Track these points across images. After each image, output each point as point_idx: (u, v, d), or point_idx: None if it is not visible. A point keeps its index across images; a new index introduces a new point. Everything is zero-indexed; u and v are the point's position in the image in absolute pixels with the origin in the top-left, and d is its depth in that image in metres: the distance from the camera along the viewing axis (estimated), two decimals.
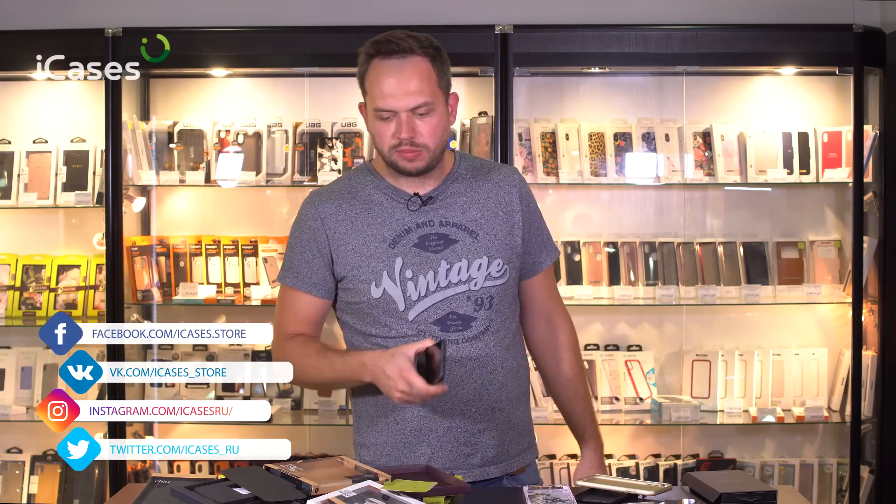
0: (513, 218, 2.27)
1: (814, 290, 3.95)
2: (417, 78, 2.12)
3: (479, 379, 2.20)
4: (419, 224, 2.20)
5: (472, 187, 2.26)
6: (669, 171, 3.97)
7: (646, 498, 2.02)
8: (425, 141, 2.15)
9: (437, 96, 2.15)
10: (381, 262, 2.18)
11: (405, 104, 2.12)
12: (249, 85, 4.12)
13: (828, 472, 4.02)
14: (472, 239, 2.21)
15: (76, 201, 3.96)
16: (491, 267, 2.21)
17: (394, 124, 2.14)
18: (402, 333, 2.18)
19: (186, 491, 1.94)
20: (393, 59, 2.13)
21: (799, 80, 4.06)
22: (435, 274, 2.18)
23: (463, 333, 2.19)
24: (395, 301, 2.18)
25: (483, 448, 2.22)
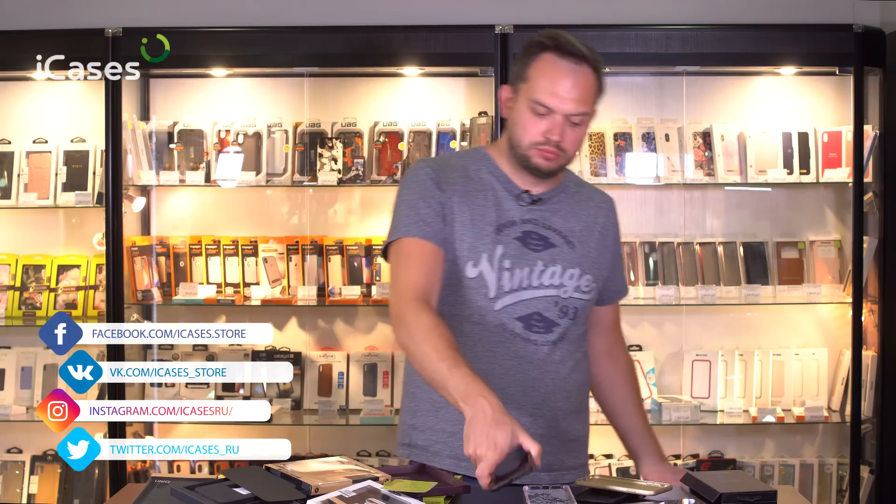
0: (606, 240, 2.31)
1: (814, 290, 3.95)
2: (587, 87, 2.14)
3: (550, 385, 2.19)
4: (524, 220, 2.21)
5: (576, 200, 2.28)
6: (669, 171, 3.97)
7: (646, 498, 2.01)
8: (567, 147, 2.16)
9: (593, 112, 2.18)
10: (484, 244, 2.16)
11: (568, 109, 2.12)
12: (249, 85, 4.12)
13: (828, 472, 4.02)
14: (569, 249, 2.23)
15: (76, 201, 3.96)
16: (582, 280, 2.22)
17: (545, 122, 2.13)
18: (484, 322, 2.16)
19: (186, 491, 1.94)
20: (569, 60, 2.12)
21: (799, 80, 4.06)
22: (531, 271, 2.18)
23: (543, 336, 2.18)
24: (487, 286, 2.16)
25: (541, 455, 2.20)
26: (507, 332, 2.16)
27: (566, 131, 2.14)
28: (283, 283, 4.01)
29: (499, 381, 2.14)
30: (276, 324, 4.07)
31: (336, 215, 4.12)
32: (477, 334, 2.17)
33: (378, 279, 3.98)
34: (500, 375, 2.15)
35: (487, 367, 2.15)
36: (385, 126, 3.98)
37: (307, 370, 4.04)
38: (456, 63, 3.90)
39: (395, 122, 3.98)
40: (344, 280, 3.99)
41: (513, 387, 2.16)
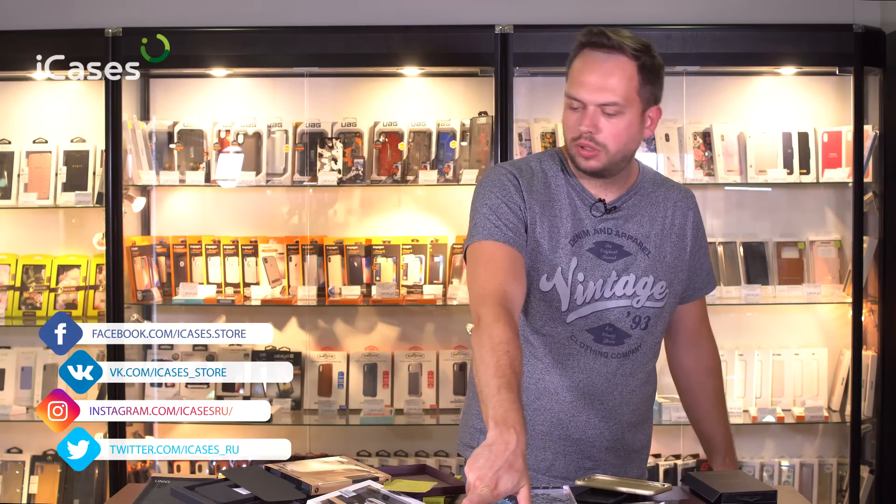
0: (683, 241, 2.25)
1: (814, 290, 3.95)
2: (615, 76, 2.08)
3: (618, 398, 2.18)
4: (598, 229, 2.16)
5: (652, 203, 2.22)
6: (669, 171, 3.96)
7: (646, 498, 2.01)
8: (605, 141, 2.09)
9: (631, 101, 2.09)
10: (560, 257, 2.14)
11: (595, 98, 2.08)
12: (249, 85, 4.12)
13: (828, 472, 4.02)
14: (644, 256, 2.18)
15: (76, 201, 3.96)
16: (655, 288, 2.19)
17: (580, 115, 2.11)
18: (555, 333, 2.15)
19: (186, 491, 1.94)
20: (599, 52, 2.09)
21: (799, 80, 4.06)
22: (604, 282, 2.14)
23: (614, 349, 2.17)
24: (560, 299, 2.13)
25: (604, 465, 2.20)
26: (578, 344, 2.15)
27: (600, 123, 2.09)
28: (283, 283, 4.01)
29: (566, 395, 2.16)
30: (276, 324, 4.07)
31: (336, 215, 4.12)
32: (547, 345, 2.16)
33: (378, 279, 3.98)
34: (570, 388, 2.16)
35: (557, 380, 2.15)
36: (385, 126, 3.98)
37: (307, 370, 4.04)
38: (456, 63, 3.90)
39: (395, 122, 3.98)
40: (344, 280, 3.99)
41: (582, 400, 2.16)
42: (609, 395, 2.18)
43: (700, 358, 2.39)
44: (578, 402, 2.16)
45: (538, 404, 2.17)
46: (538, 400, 2.17)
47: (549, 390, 2.16)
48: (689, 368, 2.39)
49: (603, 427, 2.19)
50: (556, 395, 2.16)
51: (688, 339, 2.38)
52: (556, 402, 2.16)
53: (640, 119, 2.13)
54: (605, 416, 2.18)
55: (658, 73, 2.14)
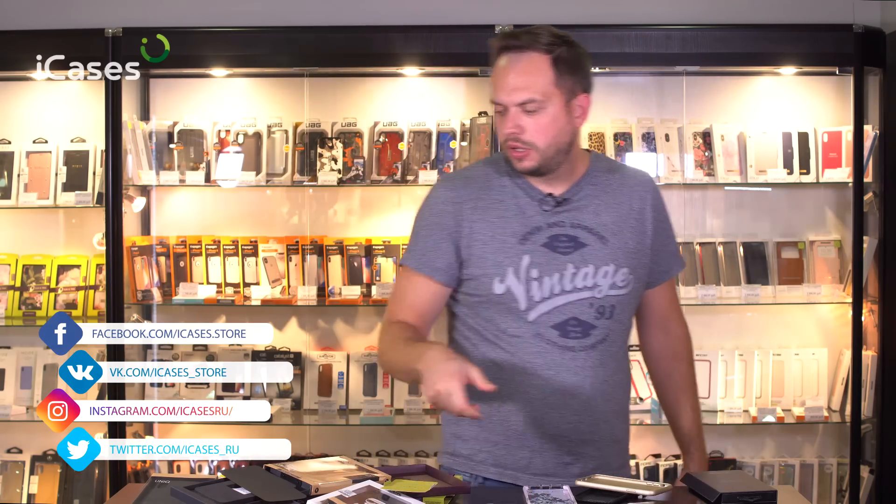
0: (643, 225, 2.23)
1: (814, 290, 3.95)
2: (528, 74, 2.10)
3: (590, 389, 2.17)
4: (550, 223, 2.16)
5: (606, 191, 2.22)
6: (669, 171, 3.97)
7: (646, 498, 2.01)
8: (531, 139, 2.11)
9: (549, 95, 2.10)
10: (509, 258, 2.14)
11: (512, 98, 2.11)
12: (249, 85, 4.12)
13: (828, 472, 4.02)
14: (602, 245, 2.17)
15: (76, 201, 3.96)
16: (617, 276, 2.17)
17: (504, 118, 2.14)
18: (519, 334, 2.15)
19: (186, 491, 1.94)
20: (513, 53, 2.13)
21: (799, 80, 4.06)
22: (561, 276, 2.14)
23: (581, 341, 2.16)
24: (516, 299, 2.14)
25: (584, 459, 2.20)
26: (544, 342, 2.15)
27: (522, 122, 2.11)
28: (283, 283, 4.01)
29: (537, 393, 2.15)
30: (276, 324, 4.07)
31: (336, 215, 4.12)
32: (514, 345, 2.16)
33: (378, 279, 3.98)
34: (539, 386, 2.15)
35: (525, 379, 2.15)
36: (385, 126, 3.98)
37: (307, 370, 4.04)
38: (456, 63, 3.90)
39: (395, 122, 3.98)
40: (344, 280, 3.99)
41: (553, 396, 2.16)
42: (581, 389, 2.16)
43: (669, 343, 2.36)
44: (550, 399, 2.15)
45: (509, 404, 2.17)
46: (510, 400, 2.17)
47: (520, 389, 2.16)
48: (658, 353, 2.37)
49: (578, 421, 2.18)
50: (527, 393, 2.16)
51: (657, 323, 2.36)
52: (528, 401, 2.16)
53: (566, 111, 2.13)
54: (579, 409, 2.17)
55: (579, 63, 2.14)
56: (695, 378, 2.40)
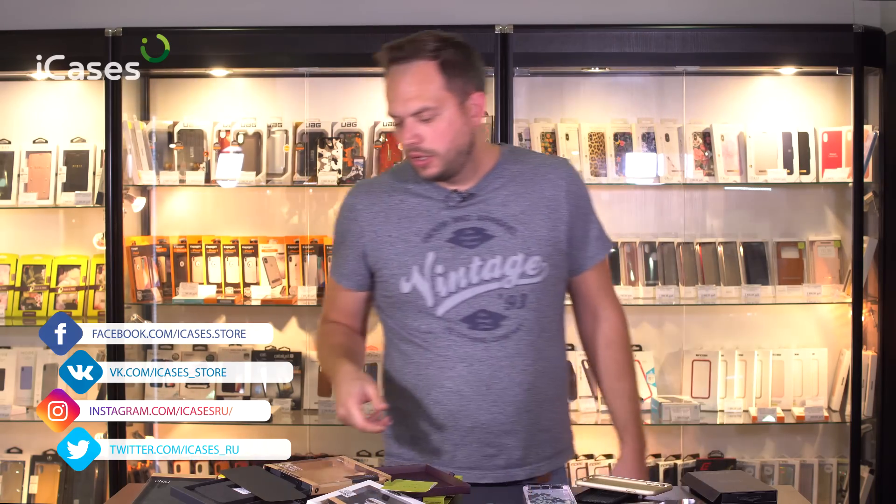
0: (557, 213, 2.21)
1: (814, 290, 3.95)
2: (417, 83, 2.11)
3: (507, 379, 2.17)
4: (456, 218, 2.18)
5: (515, 181, 2.22)
6: (669, 171, 3.97)
7: (646, 498, 2.01)
8: (432, 146, 2.13)
9: (442, 100, 2.11)
10: (413, 257, 2.17)
11: (405, 109, 2.12)
12: (249, 85, 4.12)
13: (828, 472, 4.02)
14: (510, 235, 2.17)
15: (76, 201, 3.96)
16: (527, 265, 2.17)
17: (402, 130, 2.15)
18: (431, 329, 2.17)
19: (186, 491, 1.94)
20: (399, 65, 2.13)
21: (799, 80, 4.06)
22: (466, 270, 2.16)
23: (491, 332, 2.16)
24: (423, 297, 2.16)
25: (508, 450, 2.20)
26: (455, 335, 2.16)
27: (420, 131, 2.12)
28: (283, 283, 4.01)
29: (452, 385, 2.17)
30: (276, 324, 4.07)
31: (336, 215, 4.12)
32: (427, 341, 2.18)
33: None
34: (453, 378, 2.17)
35: (440, 373, 2.17)
36: (385, 126, 3.98)
37: (307, 370, 4.03)
38: None
39: None
40: None
41: (468, 388, 2.16)
42: (496, 379, 2.17)
43: (600, 329, 2.33)
44: (466, 391, 2.16)
45: (428, 399, 2.19)
46: (427, 395, 2.19)
47: (436, 384, 2.18)
48: (590, 339, 2.35)
49: (496, 412, 2.18)
50: (443, 387, 2.17)
51: (586, 308, 2.34)
52: (444, 394, 2.17)
53: (461, 112, 2.14)
54: (496, 400, 2.17)
55: (468, 62, 2.15)
56: (631, 365, 2.36)
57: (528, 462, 2.21)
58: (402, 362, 2.23)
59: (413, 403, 2.20)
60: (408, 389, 2.20)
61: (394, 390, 2.26)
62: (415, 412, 2.20)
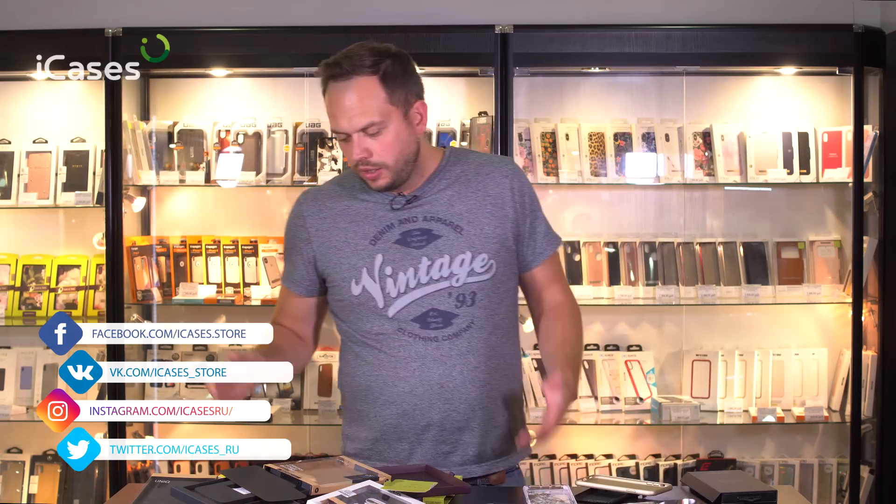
0: (503, 210, 2.24)
1: (814, 290, 3.95)
2: (360, 99, 2.13)
3: (459, 377, 2.18)
4: (402, 220, 2.21)
5: (460, 181, 2.25)
6: (669, 171, 3.97)
7: (646, 498, 2.02)
8: (381, 159, 2.15)
9: (387, 113, 2.14)
10: (361, 259, 2.20)
11: (351, 126, 2.14)
12: (249, 85, 4.12)
13: (828, 472, 4.02)
14: (457, 234, 2.20)
15: (76, 201, 3.96)
16: (475, 262, 2.20)
17: (350, 145, 2.17)
18: (383, 331, 2.19)
19: (186, 491, 1.94)
20: (339, 81, 2.17)
21: (799, 80, 4.06)
22: (415, 270, 2.18)
23: (443, 331, 2.18)
24: (374, 298, 2.19)
25: (463, 447, 2.21)
26: (406, 335, 2.18)
27: (368, 145, 2.14)
28: None
29: (405, 385, 2.18)
30: None
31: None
32: (379, 342, 2.20)
33: None
34: (406, 378, 2.18)
35: (393, 373, 2.19)
36: None
37: (307, 370, 4.03)
38: (456, 63, 3.90)
39: None
40: None
41: (421, 387, 2.18)
42: (448, 377, 2.18)
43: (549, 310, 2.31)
44: (419, 390, 2.18)
45: (382, 399, 2.21)
46: (381, 395, 2.21)
47: (389, 384, 2.20)
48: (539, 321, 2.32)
49: (449, 409, 2.19)
50: (396, 387, 2.19)
51: (538, 304, 2.33)
52: (398, 394, 2.19)
53: (406, 123, 2.17)
54: (449, 398, 2.18)
55: (407, 71, 2.18)
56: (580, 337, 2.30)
57: (484, 459, 2.23)
58: (356, 364, 2.25)
59: (367, 404, 2.23)
60: (362, 390, 2.23)
61: (349, 392, 2.29)
62: (370, 412, 2.23)
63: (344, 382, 2.31)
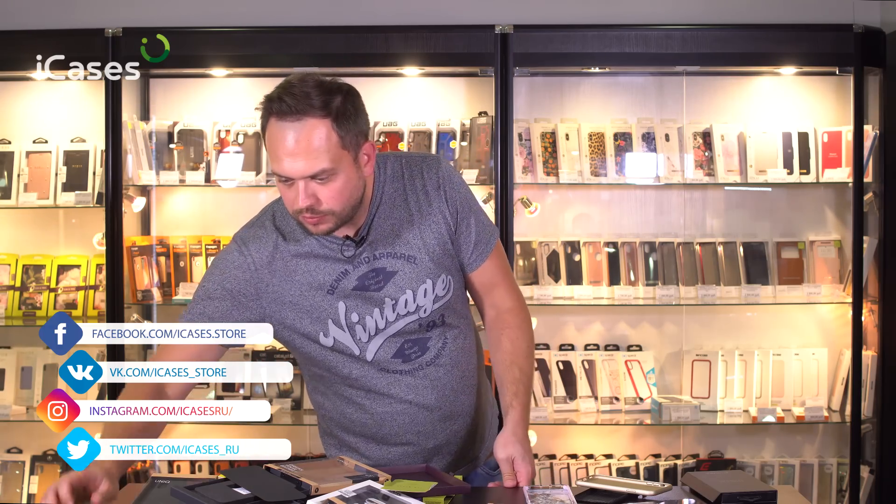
0: (443, 223, 2.13)
1: (814, 290, 3.95)
2: (313, 143, 1.93)
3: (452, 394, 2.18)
4: (356, 264, 2.09)
5: (396, 205, 2.11)
6: (669, 171, 3.97)
7: (646, 498, 2.02)
8: (329, 207, 1.99)
9: (339, 159, 1.96)
10: (324, 311, 2.09)
11: (300, 171, 1.95)
12: (249, 85, 4.12)
13: (828, 472, 4.02)
14: (412, 265, 2.10)
15: (76, 201, 3.96)
16: (437, 287, 2.12)
17: (293, 190, 1.98)
18: (364, 373, 2.13)
19: (186, 491, 1.94)
20: (287, 120, 1.94)
21: (799, 80, 4.06)
22: (381, 311, 2.10)
23: (423, 357, 2.14)
24: (348, 347, 2.11)
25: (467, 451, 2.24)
26: (392, 373, 2.13)
27: (317, 192, 1.97)
28: None
29: (404, 417, 2.16)
30: None
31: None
32: (366, 384, 2.15)
33: None
34: (404, 412, 2.16)
35: (389, 408, 2.16)
36: (385, 126, 3.98)
37: None
38: (456, 63, 3.90)
39: (395, 122, 3.98)
40: None
41: (420, 415, 2.16)
42: (444, 398, 2.17)
43: (498, 314, 2.24)
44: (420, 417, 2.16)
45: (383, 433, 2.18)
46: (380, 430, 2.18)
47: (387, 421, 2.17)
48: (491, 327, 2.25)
49: (452, 425, 2.19)
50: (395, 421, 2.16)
51: (485, 300, 2.25)
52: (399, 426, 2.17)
53: (356, 166, 2.00)
54: (449, 414, 2.18)
55: (355, 108, 2.00)
56: (530, 349, 2.23)
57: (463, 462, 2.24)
58: (342, 403, 2.19)
59: (363, 438, 2.21)
60: (356, 426, 2.20)
61: (336, 425, 2.25)
62: (366, 444, 2.21)
63: (325, 416, 2.26)
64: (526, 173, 3.92)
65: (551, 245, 4.01)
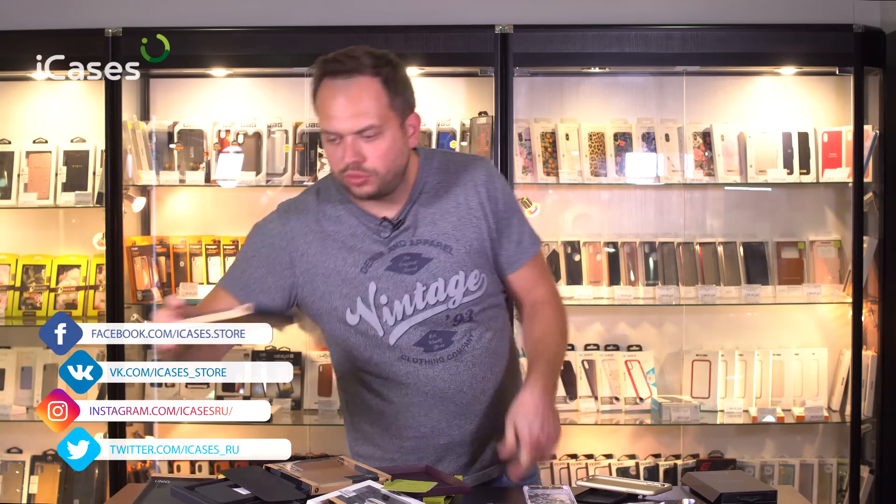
0: (484, 220, 2.17)
1: (814, 290, 3.95)
2: (363, 99, 2.02)
3: (470, 391, 2.17)
4: (391, 247, 2.13)
5: (439, 196, 2.16)
6: (669, 171, 3.97)
7: (646, 498, 2.02)
8: (373, 166, 2.04)
9: (387, 119, 2.04)
10: (354, 288, 2.12)
11: (349, 127, 2.02)
12: (249, 85, 4.12)
13: (828, 472, 4.02)
14: (447, 255, 2.13)
15: (76, 201, 3.96)
16: (469, 281, 2.14)
17: (340, 148, 2.05)
18: (384, 360, 2.15)
19: (186, 491, 1.94)
20: (339, 79, 2.03)
21: (799, 80, 4.06)
22: (411, 297, 2.12)
23: (446, 350, 2.14)
24: (373, 327, 2.13)
25: (483, 454, 2.22)
26: (412, 361, 2.14)
27: (363, 150, 2.04)
28: None
29: (419, 409, 2.17)
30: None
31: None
32: (385, 372, 2.16)
33: None
34: (419, 404, 2.16)
35: (405, 399, 2.16)
36: None
37: (307, 370, 4.04)
38: (456, 63, 3.90)
39: None
40: None
41: (435, 409, 2.17)
42: (460, 393, 2.16)
43: (531, 320, 2.25)
44: (434, 412, 2.16)
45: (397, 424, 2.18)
46: (395, 420, 2.18)
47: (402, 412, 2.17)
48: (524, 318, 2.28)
49: (466, 424, 2.18)
50: (409, 412, 2.17)
51: (523, 304, 2.27)
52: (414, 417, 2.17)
53: (402, 132, 2.08)
54: (464, 413, 2.17)
55: (405, 81, 2.10)
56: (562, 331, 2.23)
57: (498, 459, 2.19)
58: (362, 389, 2.21)
59: (383, 425, 2.20)
60: (374, 413, 2.20)
61: (357, 412, 2.25)
62: (384, 433, 2.21)
63: (348, 402, 2.27)
64: (526, 173, 3.92)
65: (551, 245, 4.01)
